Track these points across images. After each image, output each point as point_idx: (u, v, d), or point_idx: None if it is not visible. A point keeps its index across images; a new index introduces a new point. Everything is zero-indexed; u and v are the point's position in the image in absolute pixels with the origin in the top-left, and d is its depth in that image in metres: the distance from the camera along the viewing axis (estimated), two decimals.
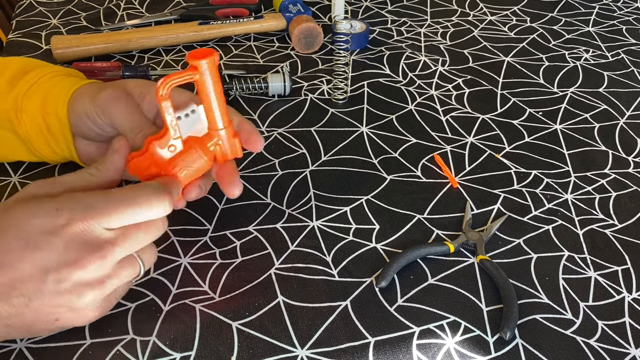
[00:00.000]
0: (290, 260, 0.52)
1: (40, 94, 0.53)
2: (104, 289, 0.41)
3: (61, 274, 0.39)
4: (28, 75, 0.54)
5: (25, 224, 0.39)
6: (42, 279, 0.38)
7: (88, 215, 0.40)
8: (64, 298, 0.39)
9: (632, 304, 0.50)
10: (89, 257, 0.39)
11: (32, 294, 0.38)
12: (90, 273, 0.40)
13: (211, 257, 0.52)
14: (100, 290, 0.41)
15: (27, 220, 0.39)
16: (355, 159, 0.64)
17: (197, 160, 0.47)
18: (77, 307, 0.40)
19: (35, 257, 0.38)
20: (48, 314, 0.40)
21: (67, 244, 0.39)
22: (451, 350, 0.45)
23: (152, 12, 0.91)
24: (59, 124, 0.53)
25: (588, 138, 0.69)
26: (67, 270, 0.39)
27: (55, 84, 0.54)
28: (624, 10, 0.99)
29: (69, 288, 0.39)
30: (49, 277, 0.38)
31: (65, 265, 0.39)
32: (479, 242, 0.54)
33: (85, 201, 0.41)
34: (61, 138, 0.54)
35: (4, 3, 1.27)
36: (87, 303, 0.41)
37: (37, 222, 0.39)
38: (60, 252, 0.39)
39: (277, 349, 0.45)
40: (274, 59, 0.81)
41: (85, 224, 0.40)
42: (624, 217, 0.59)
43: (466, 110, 0.73)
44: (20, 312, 0.39)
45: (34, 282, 0.38)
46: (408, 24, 0.92)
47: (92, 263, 0.39)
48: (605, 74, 0.81)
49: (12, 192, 0.59)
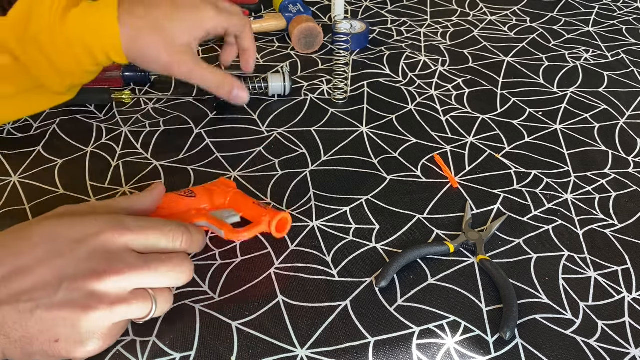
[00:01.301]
0: (290, 260, 0.52)
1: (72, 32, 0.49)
2: (112, 312, 0.39)
3: (76, 284, 0.38)
4: None
5: (55, 233, 0.40)
6: (55, 286, 0.38)
7: (117, 230, 0.41)
8: (71, 312, 0.38)
9: (632, 304, 0.50)
10: (107, 270, 0.39)
11: (42, 300, 0.38)
12: (104, 287, 0.39)
13: (211, 258, 0.52)
14: (108, 312, 0.39)
15: (56, 229, 0.40)
16: (355, 159, 0.64)
17: None
18: (80, 328, 0.39)
19: (56, 264, 0.38)
20: (50, 328, 0.38)
21: (90, 253, 0.39)
22: (451, 350, 0.45)
23: None
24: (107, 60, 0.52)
25: (588, 138, 0.69)
26: (82, 280, 0.39)
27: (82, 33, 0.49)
28: (624, 10, 0.99)
29: (78, 300, 0.38)
30: (63, 284, 0.38)
31: (82, 275, 0.39)
32: (479, 242, 0.54)
33: (118, 218, 0.42)
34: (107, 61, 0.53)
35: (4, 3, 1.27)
36: (92, 326, 0.39)
37: (66, 232, 0.40)
38: (81, 261, 0.39)
39: (277, 348, 0.45)
40: (274, 59, 0.81)
41: (113, 237, 0.40)
42: (624, 217, 0.59)
43: (466, 110, 0.73)
44: (24, 321, 0.38)
45: (47, 288, 0.38)
46: (408, 24, 0.92)
47: (109, 276, 0.39)
48: (605, 74, 0.81)
49: (12, 192, 0.59)
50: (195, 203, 0.53)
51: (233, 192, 0.55)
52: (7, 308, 0.37)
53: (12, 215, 0.56)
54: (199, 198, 0.54)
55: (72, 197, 0.58)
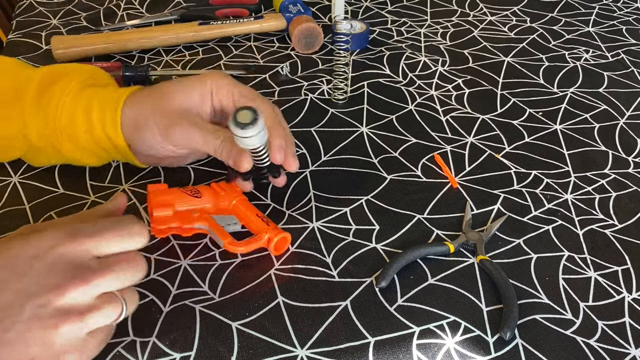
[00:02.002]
0: (290, 262, 0.52)
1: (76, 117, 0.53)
2: (83, 322, 0.39)
3: (42, 299, 0.38)
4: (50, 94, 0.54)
5: (13, 252, 0.39)
6: (22, 305, 0.37)
7: (72, 239, 0.40)
8: (42, 330, 0.37)
9: (632, 304, 0.50)
10: (71, 281, 0.38)
11: (10, 321, 0.37)
12: (71, 299, 0.38)
13: (211, 259, 0.52)
14: (79, 324, 0.39)
15: (14, 248, 0.39)
16: (355, 159, 0.64)
17: None
18: (52, 343, 0.38)
19: (18, 284, 0.38)
20: (23, 350, 0.37)
21: (50, 267, 0.38)
22: (451, 350, 0.45)
23: (152, 12, 0.91)
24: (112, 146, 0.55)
25: (588, 138, 0.69)
26: (47, 295, 0.38)
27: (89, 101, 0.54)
28: (624, 10, 0.99)
29: (47, 317, 0.38)
30: (30, 302, 0.37)
31: (45, 290, 0.38)
32: (479, 242, 0.54)
33: (72, 226, 0.41)
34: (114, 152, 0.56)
35: (4, 3, 1.27)
36: (66, 340, 0.38)
37: (23, 250, 0.39)
38: (42, 276, 0.38)
39: (277, 349, 0.45)
40: (274, 59, 0.81)
41: (69, 247, 0.39)
42: (624, 217, 0.59)
43: (466, 111, 0.73)
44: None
45: (14, 308, 0.37)
46: (408, 24, 0.92)
47: (74, 287, 0.38)
48: (605, 74, 0.81)
49: (12, 192, 0.59)
50: (200, 204, 0.53)
51: (239, 199, 0.55)
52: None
53: (12, 215, 0.56)
54: (204, 199, 0.54)
55: (72, 196, 0.58)
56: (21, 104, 0.53)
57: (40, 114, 0.53)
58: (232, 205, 0.54)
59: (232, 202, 0.54)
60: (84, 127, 0.53)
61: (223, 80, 0.54)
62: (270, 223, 0.53)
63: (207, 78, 0.54)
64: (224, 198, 0.54)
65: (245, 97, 0.54)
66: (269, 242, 0.51)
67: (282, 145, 0.52)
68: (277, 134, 0.52)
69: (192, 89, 0.54)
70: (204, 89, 0.54)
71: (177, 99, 0.53)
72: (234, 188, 0.56)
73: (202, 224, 0.52)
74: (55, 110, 0.53)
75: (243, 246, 0.51)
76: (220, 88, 0.54)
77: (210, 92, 0.54)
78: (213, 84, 0.54)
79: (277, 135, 0.52)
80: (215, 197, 0.54)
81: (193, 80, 0.54)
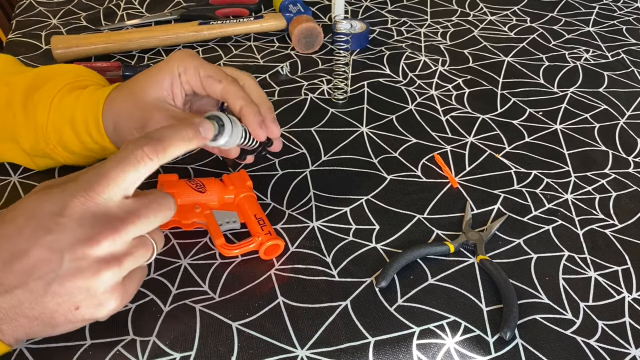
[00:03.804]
0: (290, 262, 0.52)
1: (62, 121, 0.54)
2: (121, 267, 0.40)
3: (77, 253, 0.38)
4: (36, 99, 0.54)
5: (35, 210, 0.39)
6: (58, 260, 0.38)
7: (94, 190, 0.39)
8: (83, 279, 0.38)
9: (632, 304, 0.50)
10: (103, 233, 0.39)
11: (50, 276, 0.38)
12: (106, 249, 0.39)
13: (211, 258, 0.52)
14: (118, 269, 0.40)
15: (37, 205, 0.39)
16: (355, 159, 0.64)
17: None
18: (96, 290, 0.39)
19: (48, 241, 0.38)
20: (68, 299, 0.39)
21: (78, 222, 0.39)
22: (451, 350, 0.45)
23: (152, 12, 0.91)
24: (101, 147, 0.55)
25: (588, 138, 0.69)
26: (82, 248, 0.38)
27: (72, 111, 0.54)
28: (624, 10, 0.99)
29: (86, 267, 0.38)
30: (65, 256, 0.38)
31: (79, 243, 0.38)
32: (479, 242, 0.54)
33: (85, 177, 0.40)
34: (106, 153, 0.56)
35: (4, 3, 1.27)
36: (106, 285, 0.40)
37: (45, 207, 0.39)
38: (73, 231, 0.38)
39: (277, 349, 0.45)
40: (274, 59, 0.81)
41: (90, 198, 0.39)
42: (624, 217, 0.59)
43: (466, 110, 0.73)
44: (39, 298, 0.38)
45: (52, 264, 0.38)
46: (408, 24, 0.92)
47: (106, 238, 0.39)
48: (605, 74, 0.81)
49: (12, 192, 0.59)
50: (203, 199, 0.54)
51: (245, 195, 0.55)
52: (19, 291, 0.38)
53: None
54: (208, 194, 0.54)
55: None
56: (12, 115, 0.54)
57: (29, 128, 0.54)
58: (237, 201, 0.54)
59: (239, 197, 0.54)
60: (72, 138, 0.54)
61: (189, 62, 0.53)
62: (266, 227, 0.53)
63: (174, 61, 0.53)
64: (231, 193, 0.55)
65: (211, 78, 0.53)
66: (260, 246, 0.51)
67: (259, 121, 0.51)
68: (251, 113, 0.51)
69: (162, 78, 0.53)
70: (173, 74, 0.53)
71: (151, 92, 0.53)
72: (243, 183, 0.56)
73: (200, 221, 0.52)
74: (42, 124, 0.54)
75: (236, 249, 0.51)
76: (187, 69, 0.53)
77: (179, 75, 0.53)
78: (180, 67, 0.53)
79: (252, 113, 0.51)
80: (221, 192, 0.54)
81: (162, 67, 0.53)
